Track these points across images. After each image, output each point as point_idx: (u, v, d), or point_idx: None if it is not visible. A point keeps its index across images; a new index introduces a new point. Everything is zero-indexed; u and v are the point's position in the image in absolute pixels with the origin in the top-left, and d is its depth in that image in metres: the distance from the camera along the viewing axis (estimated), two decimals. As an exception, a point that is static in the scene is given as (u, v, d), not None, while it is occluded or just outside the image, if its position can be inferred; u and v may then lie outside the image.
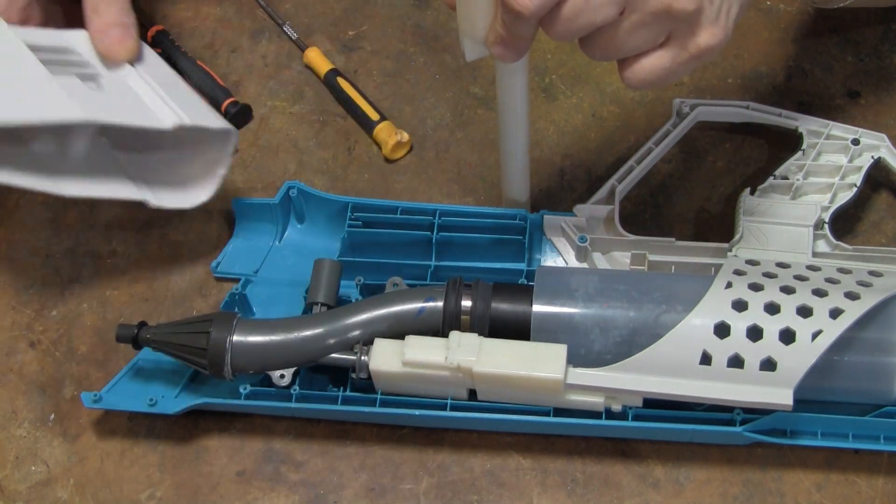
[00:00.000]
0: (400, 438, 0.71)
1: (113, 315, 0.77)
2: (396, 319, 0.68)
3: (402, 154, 0.84)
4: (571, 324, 0.66)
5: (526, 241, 0.75)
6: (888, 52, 0.86)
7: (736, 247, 0.72)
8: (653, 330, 0.65)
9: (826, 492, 0.68)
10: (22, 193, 0.83)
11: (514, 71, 0.65)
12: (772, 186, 0.75)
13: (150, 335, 0.69)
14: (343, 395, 0.69)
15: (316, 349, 0.68)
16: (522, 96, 0.67)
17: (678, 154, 0.82)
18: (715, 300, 0.64)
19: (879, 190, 0.79)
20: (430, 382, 0.66)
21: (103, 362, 0.75)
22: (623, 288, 0.67)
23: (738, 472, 0.69)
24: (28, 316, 0.78)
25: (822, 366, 0.63)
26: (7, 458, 0.72)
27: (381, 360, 0.66)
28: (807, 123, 0.78)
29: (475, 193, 0.81)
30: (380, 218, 0.76)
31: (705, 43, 0.60)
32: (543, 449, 0.70)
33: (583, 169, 0.82)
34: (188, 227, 0.81)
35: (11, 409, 0.74)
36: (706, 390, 0.63)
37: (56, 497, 0.70)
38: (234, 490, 0.70)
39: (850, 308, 0.63)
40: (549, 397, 0.66)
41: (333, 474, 0.70)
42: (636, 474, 0.69)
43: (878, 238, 0.77)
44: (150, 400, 0.70)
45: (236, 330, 0.67)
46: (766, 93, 0.84)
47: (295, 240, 0.79)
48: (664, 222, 0.79)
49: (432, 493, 0.69)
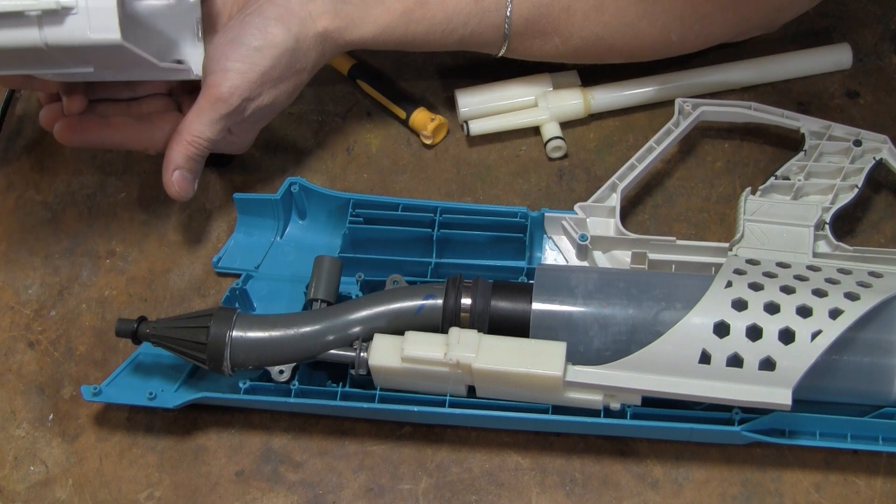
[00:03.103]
0: (399, 438, 0.71)
1: (112, 315, 0.77)
2: (396, 316, 0.68)
3: (442, 137, 0.84)
4: (571, 321, 0.66)
5: (527, 239, 0.75)
6: (888, 51, 0.86)
7: (736, 246, 0.72)
8: (652, 328, 0.65)
9: (825, 492, 0.68)
10: (21, 193, 0.83)
11: None
12: (773, 186, 0.75)
13: (150, 330, 0.69)
14: (342, 390, 0.69)
15: (315, 345, 0.68)
16: None
17: (678, 154, 0.82)
18: (715, 299, 0.64)
19: (880, 190, 0.79)
20: (429, 379, 0.66)
21: (102, 362, 0.75)
22: (623, 286, 0.67)
23: (736, 472, 0.68)
24: (27, 316, 0.78)
25: (821, 366, 0.63)
26: (6, 459, 0.72)
27: (380, 355, 0.66)
28: (809, 124, 0.78)
29: (474, 193, 0.81)
30: (381, 215, 0.76)
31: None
32: (542, 449, 0.70)
33: (583, 169, 0.82)
34: (187, 226, 0.81)
35: (10, 410, 0.74)
36: (705, 389, 0.63)
37: (55, 497, 0.70)
38: (233, 490, 0.70)
39: (850, 308, 0.63)
40: (548, 395, 0.65)
41: (332, 474, 0.70)
42: (635, 474, 0.69)
43: (878, 238, 0.77)
44: (150, 394, 0.70)
45: (236, 325, 0.67)
46: (765, 92, 0.84)
47: (296, 236, 0.79)
48: (664, 221, 0.79)
49: (431, 493, 0.69)
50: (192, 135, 0.74)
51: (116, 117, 0.78)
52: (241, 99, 0.74)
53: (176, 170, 0.75)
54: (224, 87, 0.73)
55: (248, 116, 0.76)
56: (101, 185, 0.83)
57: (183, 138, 0.74)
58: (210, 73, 0.74)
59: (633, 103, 0.84)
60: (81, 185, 0.84)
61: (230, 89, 0.73)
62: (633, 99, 0.84)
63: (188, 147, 0.74)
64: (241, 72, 0.73)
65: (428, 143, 0.84)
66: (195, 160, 0.75)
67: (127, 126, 0.78)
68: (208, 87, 0.74)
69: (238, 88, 0.73)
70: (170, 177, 0.75)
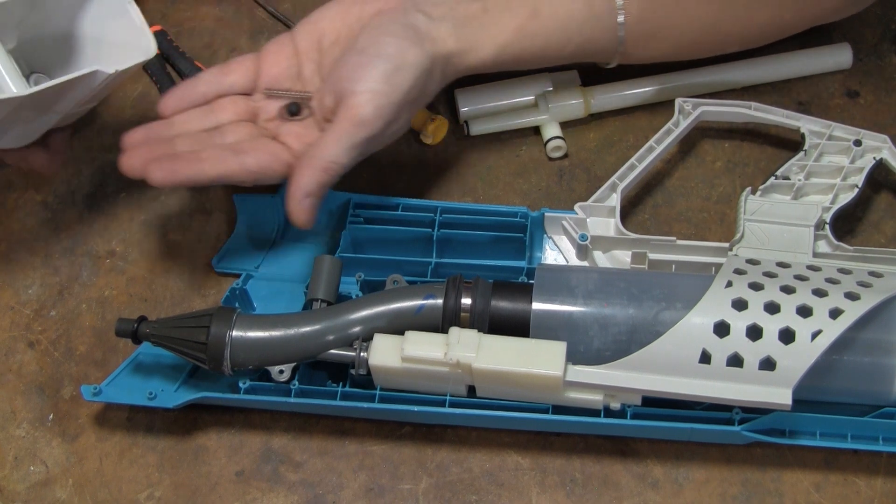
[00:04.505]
0: (399, 438, 0.71)
1: (112, 315, 0.77)
2: (396, 316, 0.68)
3: (442, 137, 0.84)
4: (571, 321, 0.66)
5: (527, 238, 0.75)
6: (887, 51, 0.86)
7: (737, 246, 0.72)
8: (652, 328, 0.65)
9: (825, 492, 0.68)
10: (21, 193, 0.83)
11: None
12: (773, 186, 0.75)
13: (150, 329, 0.69)
14: (342, 390, 0.69)
15: (315, 345, 0.68)
16: None
17: (678, 154, 0.82)
18: (715, 299, 0.64)
19: (880, 190, 0.79)
20: (430, 379, 0.66)
21: (102, 362, 0.75)
22: (623, 285, 0.67)
23: (736, 472, 0.68)
24: (27, 316, 0.78)
25: (821, 366, 0.63)
26: (6, 459, 0.72)
27: (380, 355, 0.66)
28: (809, 124, 0.78)
29: (474, 194, 0.81)
30: (381, 214, 0.76)
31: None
32: (542, 449, 0.70)
33: (583, 169, 0.82)
34: (187, 226, 0.81)
35: (10, 410, 0.74)
36: (705, 389, 0.63)
37: (55, 497, 0.70)
38: (233, 490, 0.70)
39: (850, 308, 0.63)
40: (548, 394, 0.65)
41: (332, 474, 0.70)
42: (635, 474, 0.69)
43: (878, 238, 0.77)
44: (150, 394, 0.70)
45: (236, 325, 0.67)
46: (765, 92, 0.84)
47: (296, 235, 0.78)
48: (664, 221, 0.79)
49: (431, 493, 0.69)
50: (328, 160, 0.69)
51: (206, 151, 0.71)
52: (385, 122, 0.70)
53: (307, 197, 0.69)
54: (367, 110, 0.69)
55: (379, 141, 0.72)
56: (101, 185, 0.83)
57: (316, 163, 0.69)
58: (348, 96, 0.70)
59: (633, 103, 0.84)
60: (81, 185, 0.83)
61: (375, 111, 0.69)
62: (633, 99, 0.84)
63: (322, 174, 0.69)
64: (385, 93, 0.69)
65: (428, 143, 0.84)
66: (325, 187, 0.70)
67: (219, 158, 0.71)
68: (349, 108, 0.70)
69: (382, 110, 0.69)
70: (298, 204, 0.69)
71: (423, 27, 0.72)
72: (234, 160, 0.71)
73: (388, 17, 0.73)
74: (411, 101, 0.72)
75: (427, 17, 0.72)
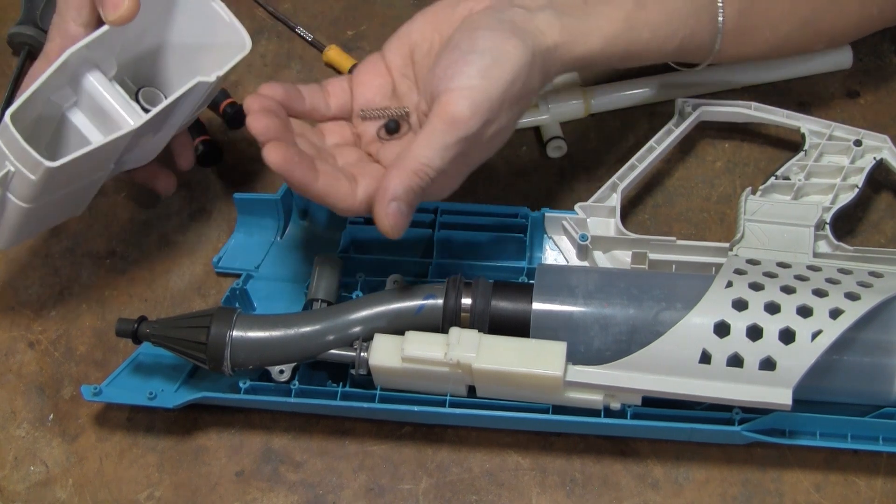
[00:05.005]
0: (399, 438, 0.71)
1: (112, 315, 0.77)
2: (396, 316, 0.68)
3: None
4: (571, 321, 0.66)
5: (527, 239, 0.75)
6: (888, 51, 0.86)
7: (737, 246, 0.72)
8: (652, 328, 0.65)
9: (825, 492, 0.68)
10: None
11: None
12: (773, 186, 0.75)
13: (150, 330, 0.69)
14: (342, 390, 0.69)
15: (315, 345, 0.68)
16: None
17: (678, 154, 0.82)
18: (715, 299, 0.64)
19: (880, 190, 0.79)
20: (430, 379, 0.66)
21: (102, 362, 0.75)
22: (623, 285, 0.67)
23: (737, 473, 0.68)
24: (27, 316, 0.78)
25: (821, 366, 0.63)
26: (6, 459, 0.72)
27: (380, 355, 0.66)
28: (809, 124, 0.78)
29: (474, 194, 0.81)
30: (381, 215, 0.76)
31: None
32: (542, 449, 0.70)
33: (583, 169, 0.82)
34: (187, 226, 0.81)
35: (10, 410, 0.74)
36: (705, 389, 0.63)
37: (55, 497, 0.70)
38: (233, 490, 0.70)
39: (850, 308, 0.63)
40: (548, 395, 0.65)
41: (332, 474, 0.70)
42: (635, 474, 0.69)
43: (878, 238, 0.77)
44: (150, 394, 0.70)
45: (236, 325, 0.67)
46: (765, 92, 0.84)
47: (296, 236, 0.78)
48: (664, 221, 0.79)
49: (431, 493, 0.69)
50: (420, 162, 0.64)
51: (322, 164, 0.66)
52: (482, 120, 0.64)
53: (393, 201, 0.63)
54: (461, 106, 0.63)
55: (480, 144, 0.66)
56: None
57: (407, 166, 0.63)
58: (442, 93, 0.65)
59: (633, 103, 0.84)
60: (81, 185, 0.84)
61: (471, 108, 0.64)
62: (633, 99, 0.84)
63: (412, 177, 0.63)
64: (481, 88, 0.64)
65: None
66: (416, 193, 0.64)
67: (332, 176, 0.65)
68: (441, 105, 0.64)
69: (479, 107, 0.64)
70: (385, 209, 0.63)
71: (520, 20, 0.67)
72: (344, 183, 0.65)
73: (482, 14, 0.68)
74: (512, 99, 0.66)
75: (525, 9, 0.68)
